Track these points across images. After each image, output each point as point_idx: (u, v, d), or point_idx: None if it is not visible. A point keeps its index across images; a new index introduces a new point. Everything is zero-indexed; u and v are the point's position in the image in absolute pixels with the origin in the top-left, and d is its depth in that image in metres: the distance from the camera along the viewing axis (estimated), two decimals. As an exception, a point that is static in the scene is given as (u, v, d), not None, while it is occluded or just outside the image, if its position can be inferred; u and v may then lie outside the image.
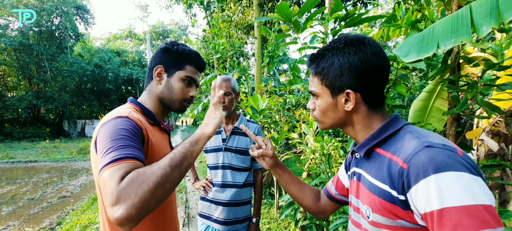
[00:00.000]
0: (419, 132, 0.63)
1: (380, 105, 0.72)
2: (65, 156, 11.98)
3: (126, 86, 26.86)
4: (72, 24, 22.21)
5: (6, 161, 10.65)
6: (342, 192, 0.93)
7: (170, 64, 0.99)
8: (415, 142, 0.59)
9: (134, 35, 36.52)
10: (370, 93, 0.69)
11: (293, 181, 1.01)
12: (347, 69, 0.68)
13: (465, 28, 0.90)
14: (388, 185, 0.61)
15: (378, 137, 0.69)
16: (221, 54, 5.82)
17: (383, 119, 0.72)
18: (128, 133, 0.76)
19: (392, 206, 0.61)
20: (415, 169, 0.55)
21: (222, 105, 1.70)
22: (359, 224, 0.74)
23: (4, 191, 6.20)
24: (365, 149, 0.71)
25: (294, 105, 3.52)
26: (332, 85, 0.72)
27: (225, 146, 1.74)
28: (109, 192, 0.62)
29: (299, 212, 2.35)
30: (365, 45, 0.68)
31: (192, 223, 4.09)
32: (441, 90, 2.03)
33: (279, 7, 1.64)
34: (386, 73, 0.69)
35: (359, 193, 0.73)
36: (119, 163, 0.66)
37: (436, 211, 0.51)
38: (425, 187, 0.53)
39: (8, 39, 18.85)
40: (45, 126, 22.06)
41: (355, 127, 0.74)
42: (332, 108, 0.73)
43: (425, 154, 0.55)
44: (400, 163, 0.59)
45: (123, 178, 0.63)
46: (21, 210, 4.94)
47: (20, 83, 21.99)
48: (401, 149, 0.61)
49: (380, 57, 0.67)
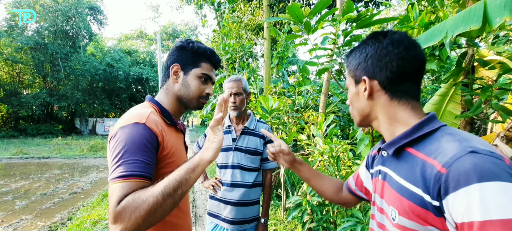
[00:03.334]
0: (460, 134, 0.59)
1: (406, 96, 0.69)
2: (77, 153, 12.25)
3: (136, 86, 27.27)
4: (85, 24, 22.74)
5: (20, 157, 10.97)
6: (360, 189, 0.94)
7: (186, 62, 0.99)
8: (456, 145, 0.56)
9: (145, 36, 37.09)
10: (389, 81, 0.68)
11: (314, 175, 1.05)
12: (364, 58, 0.72)
13: (476, 18, 0.88)
14: (421, 189, 0.58)
15: (411, 135, 0.65)
16: (231, 55, 5.86)
17: (416, 114, 0.68)
18: (142, 146, 0.78)
19: (423, 211, 0.58)
20: (455, 175, 0.51)
21: (233, 105, 1.72)
22: (383, 225, 0.72)
23: (18, 186, 6.39)
24: (395, 147, 0.68)
25: (303, 107, 3.51)
26: (354, 75, 0.75)
27: (235, 145, 1.75)
28: (110, 209, 0.70)
29: (306, 214, 2.34)
30: (385, 35, 0.70)
31: (199, 222, 4.12)
32: (454, 93, 1.99)
33: (290, 8, 1.65)
34: (408, 62, 0.67)
35: (384, 193, 0.71)
36: (125, 180, 0.73)
37: (477, 222, 0.48)
38: (466, 195, 0.49)
39: (24, 39, 19.47)
40: (58, 123, 22.64)
41: (379, 119, 0.73)
42: (356, 97, 0.76)
43: (469, 160, 0.51)
44: (437, 166, 0.55)
45: (121, 200, 0.70)
46: (33, 204, 5.07)
47: (35, 81, 22.65)
48: (438, 151, 0.58)
49: (398, 46, 0.67)
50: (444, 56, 1.35)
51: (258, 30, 11.01)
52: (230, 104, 1.72)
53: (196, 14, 9.33)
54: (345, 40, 1.87)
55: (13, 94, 20.11)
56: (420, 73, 0.69)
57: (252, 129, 1.78)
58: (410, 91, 0.69)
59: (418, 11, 1.54)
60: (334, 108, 4.19)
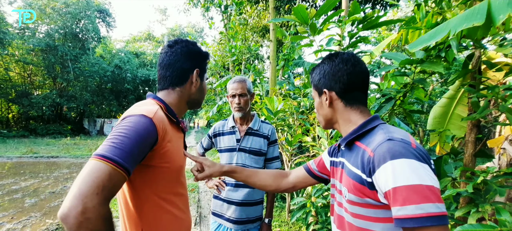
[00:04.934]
0: (387, 128, 0.78)
1: (356, 103, 0.88)
2: (84, 152, 12.43)
3: (144, 87, 27.57)
4: (94, 27, 23.13)
5: (30, 156, 11.18)
6: (322, 170, 1.11)
7: (203, 68, 1.05)
8: (381, 136, 0.74)
9: (153, 38, 37.53)
10: (342, 91, 0.87)
11: (249, 174, 1.19)
12: (322, 74, 0.91)
13: (480, 15, 0.89)
14: (360, 170, 0.76)
15: (358, 131, 0.84)
16: (237, 57, 5.89)
17: (363, 116, 0.87)
18: (142, 138, 0.77)
19: (362, 187, 0.75)
20: (377, 156, 0.70)
21: (237, 106, 1.73)
22: (341, 202, 0.89)
23: (27, 184, 6.51)
24: (347, 141, 0.87)
25: (308, 109, 3.51)
26: (317, 88, 0.94)
27: (239, 146, 1.76)
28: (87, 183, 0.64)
29: (310, 216, 2.33)
30: (336, 56, 0.89)
31: (203, 222, 4.14)
32: (463, 96, 1.97)
33: (296, 10, 1.66)
34: (355, 76, 0.86)
35: (342, 178, 0.89)
36: (114, 166, 0.69)
37: (391, 189, 0.65)
38: (384, 170, 0.67)
39: (36, 40, 19.91)
40: (67, 124, 23.03)
41: (339, 121, 0.92)
42: (320, 106, 0.95)
43: (386, 145, 0.70)
44: (369, 152, 0.74)
45: (109, 194, 0.67)
46: (42, 202, 5.17)
47: (45, 82, 23.11)
48: (372, 142, 0.76)
49: (347, 64, 0.86)
50: (451, 57, 1.34)
51: (264, 32, 11.04)
52: (235, 105, 1.74)
53: (203, 17, 9.41)
54: (350, 42, 1.86)
55: (24, 95, 20.54)
56: (366, 84, 0.89)
57: (256, 129, 1.79)
58: (359, 98, 0.88)
59: (425, 12, 1.53)
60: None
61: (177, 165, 0.96)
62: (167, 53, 1.01)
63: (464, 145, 1.57)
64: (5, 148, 13.21)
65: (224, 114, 6.16)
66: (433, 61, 1.35)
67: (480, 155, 1.52)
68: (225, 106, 6.02)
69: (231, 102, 1.77)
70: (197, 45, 1.06)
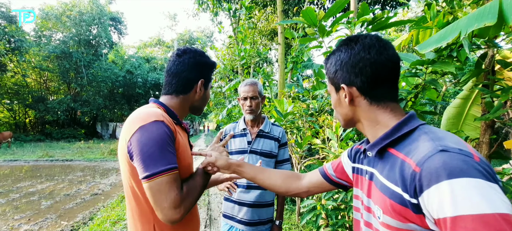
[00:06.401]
0: (435, 133, 0.61)
1: (385, 99, 0.71)
2: (98, 156, 12.71)
3: (154, 91, 28.02)
4: (107, 34, 23.76)
5: (46, 159, 11.53)
6: (340, 175, 0.95)
7: (207, 78, 1.08)
8: (429, 144, 0.58)
9: (163, 43, 38.19)
10: (365, 86, 0.70)
11: (258, 171, 1.08)
12: (339, 65, 0.73)
13: (491, 15, 0.85)
14: (401, 188, 0.60)
15: (391, 136, 0.67)
16: (247, 60, 5.93)
17: (395, 115, 0.70)
18: (167, 140, 0.87)
19: (403, 209, 0.59)
20: (427, 173, 0.54)
21: (249, 109, 1.75)
22: (370, 223, 0.74)
23: (43, 187, 6.71)
24: (377, 148, 0.70)
25: (317, 111, 3.49)
26: (334, 83, 0.77)
27: (251, 148, 1.77)
28: (172, 197, 0.84)
29: (320, 218, 2.32)
30: (356, 41, 0.71)
31: (214, 225, 4.16)
32: (477, 96, 1.93)
33: (305, 12, 1.67)
34: (382, 66, 0.68)
35: (371, 193, 0.73)
36: (171, 172, 0.85)
37: (449, 218, 0.49)
38: (437, 192, 0.51)
39: (51, 47, 20.61)
40: (81, 128, 23.64)
41: (363, 122, 0.75)
42: (338, 104, 0.78)
43: (439, 158, 0.54)
44: (412, 165, 0.58)
45: (181, 188, 0.89)
46: (57, 204, 5.31)
47: (60, 88, 23.84)
48: (415, 151, 0.60)
49: (370, 51, 0.68)
50: (463, 57, 1.32)
51: (272, 36, 11.07)
52: (246, 108, 1.76)
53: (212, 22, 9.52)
54: (360, 43, 1.85)
55: (40, 100, 21.24)
56: (395, 75, 0.70)
57: (267, 132, 1.80)
58: (387, 94, 0.71)
59: (436, 11, 1.51)
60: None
61: (186, 163, 1.01)
62: (174, 62, 1.04)
63: (479, 146, 1.54)
64: (23, 152, 13.68)
65: (233, 118, 6.20)
66: (445, 62, 1.33)
67: (496, 156, 1.48)
68: (235, 110, 6.06)
69: (243, 105, 1.79)
70: (205, 55, 1.08)
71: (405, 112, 0.71)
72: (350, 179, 0.91)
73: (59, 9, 21.52)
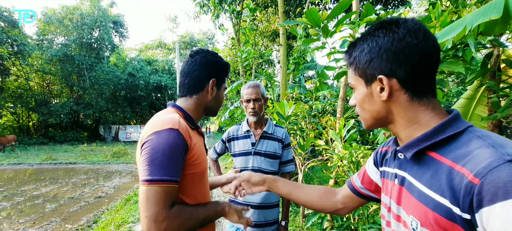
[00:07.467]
0: (492, 138, 0.52)
1: (427, 94, 0.60)
2: (101, 158, 12.76)
3: (156, 93, 28.12)
4: (109, 37, 23.90)
5: (50, 162, 11.59)
6: (369, 186, 0.86)
7: (220, 78, 1.08)
8: (490, 151, 0.49)
9: (164, 45, 38.35)
10: (409, 78, 0.59)
11: (293, 187, 1.02)
12: (376, 53, 0.61)
13: (497, 10, 0.83)
14: (449, 199, 0.52)
15: (433, 138, 0.58)
16: (249, 61, 5.93)
17: (437, 114, 0.60)
18: (177, 151, 0.86)
19: (450, 224, 0.52)
20: (491, 187, 0.45)
21: (252, 111, 1.75)
22: None
23: (47, 190, 6.74)
24: (414, 150, 0.60)
25: (320, 112, 3.48)
26: (365, 74, 0.64)
27: (255, 150, 1.77)
28: (156, 210, 0.79)
29: (326, 221, 2.30)
30: (398, 25, 0.60)
31: (218, 227, 4.15)
32: (482, 96, 1.91)
33: (308, 13, 1.67)
34: (429, 55, 0.58)
35: (402, 200, 0.64)
36: (167, 184, 0.82)
37: None
38: (505, 211, 0.43)
39: (54, 51, 20.77)
40: (83, 131, 23.78)
41: (398, 121, 0.64)
42: (368, 99, 0.66)
43: (507, 170, 0.45)
44: (468, 175, 0.49)
45: (171, 205, 0.83)
46: (62, 207, 5.33)
47: (63, 91, 24.01)
48: (468, 157, 0.51)
49: (417, 36, 0.58)
50: (468, 57, 1.30)
51: (274, 37, 11.09)
52: (249, 110, 1.76)
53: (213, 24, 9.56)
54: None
55: (43, 103, 21.40)
56: (437, 66, 0.61)
57: (271, 133, 1.80)
58: (430, 89, 0.61)
59: (440, 11, 1.50)
60: (352, 113, 4.12)
61: (202, 168, 1.00)
62: (187, 62, 1.07)
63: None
64: (26, 155, 13.76)
65: (235, 119, 6.20)
66: (452, 61, 1.32)
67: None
68: (237, 111, 6.06)
69: (246, 107, 1.79)
70: (217, 55, 1.10)
71: (448, 111, 0.62)
72: (380, 187, 0.80)
73: (61, 12, 21.69)
